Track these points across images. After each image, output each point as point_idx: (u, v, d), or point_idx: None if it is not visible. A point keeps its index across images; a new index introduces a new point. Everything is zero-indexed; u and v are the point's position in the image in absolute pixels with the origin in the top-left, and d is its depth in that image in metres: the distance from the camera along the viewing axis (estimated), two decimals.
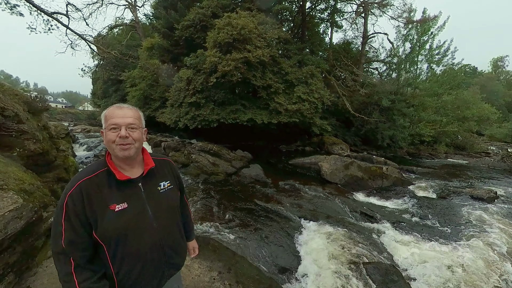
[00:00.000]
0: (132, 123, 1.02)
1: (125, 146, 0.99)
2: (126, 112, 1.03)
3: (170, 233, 1.15)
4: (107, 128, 0.99)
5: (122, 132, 0.98)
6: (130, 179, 1.03)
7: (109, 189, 0.98)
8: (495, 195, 5.81)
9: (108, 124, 0.99)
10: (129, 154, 1.01)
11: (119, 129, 0.99)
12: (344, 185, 6.50)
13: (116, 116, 1.00)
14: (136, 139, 1.03)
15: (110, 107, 1.04)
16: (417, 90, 14.90)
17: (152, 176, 1.13)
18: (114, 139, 0.98)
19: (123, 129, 0.99)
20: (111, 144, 0.99)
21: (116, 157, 1.02)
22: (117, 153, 1.00)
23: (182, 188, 1.38)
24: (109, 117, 1.00)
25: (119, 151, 0.99)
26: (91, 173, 0.99)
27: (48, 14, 5.96)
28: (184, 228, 1.41)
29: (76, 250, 0.92)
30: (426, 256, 3.21)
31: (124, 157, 1.01)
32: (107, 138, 0.99)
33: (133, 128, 1.02)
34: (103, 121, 1.02)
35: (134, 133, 1.02)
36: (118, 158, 1.02)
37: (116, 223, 0.96)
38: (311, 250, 3.24)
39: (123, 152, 1.00)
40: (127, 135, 0.99)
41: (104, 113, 1.04)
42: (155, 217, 1.07)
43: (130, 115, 1.03)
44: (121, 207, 0.98)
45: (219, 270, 2.58)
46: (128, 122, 1.01)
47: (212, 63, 9.58)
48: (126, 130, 0.99)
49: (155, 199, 1.10)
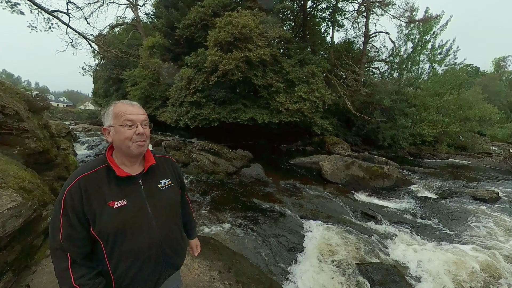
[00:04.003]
0: (145, 119, 1.03)
1: (142, 143, 1.00)
2: (139, 109, 1.03)
3: (170, 231, 1.13)
4: (120, 125, 0.97)
5: (140, 129, 0.98)
6: (130, 176, 1.02)
7: (108, 186, 0.97)
8: (497, 195, 5.77)
9: (122, 120, 0.97)
10: (144, 150, 1.03)
11: (135, 126, 0.98)
12: (345, 185, 6.48)
13: (131, 113, 0.99)
14: (148, 135, 1.04)
15: (116, 103, 1.03)
16: (419, 90, 14.83)
17: (152, 173, 1.11)
18: (131, 136, 0.97)
19: (140, 125, 0.99)
20: (126, 142, 0.97)
21: (128, 154, 1.01)
22: (132, 150, 0.99)
23: (183, 186, 1.36)
24: (122, 113, 0.98)
25: (136, 148, 0.99)
26: (90, 169, 0.97)
27: (49, 12, 5.94)
28: (186, 227, 1.42)
29: (74, 246, 0.91)
30: (427, 257, 3.18)
31: (139, 153, 1.02)
32: (122, 135, 0.97)
33: (146, 125, 1.03)
34: (112, 117, 0.99)
35: (147, 129, 1.03)
36: (131, 155, 1.01)
37: (115, 220, 0.94)
38: (312, 249, 3.22)
39: (139, 149, 1.00)
40: (144, 132, 0.99)
41: (112, 109, 1.01)
42: (155, 215, 1.05)
43: (142, 112, 1.04)
44: (120, 203, 0.96)
45: (219, 270, 2.57)
46: (143, 118, 1.02)
47: (213, 62, 9.55)
48: (143, 127, 1.00)
49: (155, 197, 1.08)
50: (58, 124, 7.52)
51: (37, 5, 5.66)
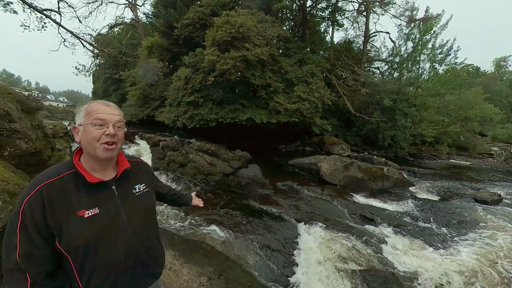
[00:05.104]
0: (120, 121, 0.95)
1: (111, 146, 0.91)
2: (113, 110, 0.96)
3: (147, 239, 1.06)
4: (90, 124, 0.89)
5: (110, 130, 0.90)
6: (102, 182, 0.93)
7: (77, 193, 0.88)
8: (499, 197, 5.65)
9: (92, 119, 0.89)
10: (112, 155, 0.93)
11: (106, 126, 0.90)
12: (343, 186, 6.36)
13: (104, 112, 0.92)
14: (121, 139, 0.96)
15: (91, 102, 0.95)
16: (419, 90, 14.71)
17: (126, 178, 1.04)
18: (99, 136, 0.89)
19: (111, 126, 0.91)
20: (93, 142, 0.89)
21: (94, 157, 0.92)
22: (98, 153, 0.90)
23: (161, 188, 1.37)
24: (93, 112, 0.90)
25: (103, 151, 0.90)
26: (55, 175, 0.87)
27: (39, 11, 5.83)
28: (178, 200, 1.51)
29: (34, 265, 0.81)
30: (427, 263, 3.07)
31: (106, 158, 0.92)
32: (89, 135, 0.88)
33: (120, 127, 0.95)
34: (83, 115, 0.91)
35: (120, 132, 0.95)
36: (98, 159, 0.92)
37: (86, 230, 0.85)
38: (307, 255, 3.11)
39: (107, 153, 0.91)
40: (115, 133, 0.91)
41: (85, 107, 0.93)
42: (131, 222, 0.98)
43: (118, 113, 0.96)
44: (92, 212, 0.88)
45: (209, 276, 2.47)
46: (117, 119, 0.94)
47: (210, 62, 9.46)
48: (114, 128, 0.91)
49: (130, 203, 1.01)
50: (55, 124, 7.42)
51: (26, 3, 5.56)
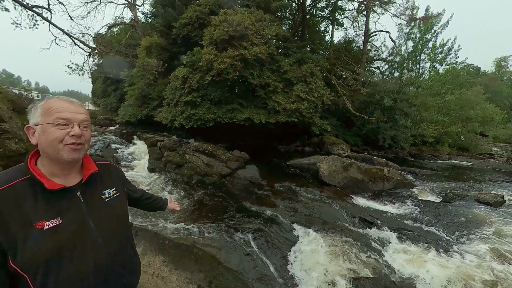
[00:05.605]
0: (86, 120, 0.85)
1: (78, 147, 0.80)
2: (78, 107, 0.84)
3: (120, 248, 0.95)
4: (50, 123, 0.77)
5: (76, 130, 0.79)
6: (64, 188, 0.80)
7: (34, 203, 0.75)
8: (502, 199, 5.52)
9: (53, 118, 0.77)
10: (79, 156, 0.82)
11: (70, 125, 0.79)
12: (343, 187, 6.22)
13: (67, 110, 0.80)
14: (88, 139, 0.86)
15: (51, 98, 0.83)
16: (420, 90, 14.58)
17: (94, 183, 0.91)
18: (62, 137, 0.78)
19: (76, 126, 0.80)
20: (56, 144, 0.77)
21: (57, 160, 0.79)
22: (63, 155, 0.78)
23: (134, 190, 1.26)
24: (55, 110, 0.78)
25: (68, 153, 0.78)
26: (5, 183, 0.74)
27: (29, 8, 5.66)
28: (153, 205, 1.41)
29: None
30: (429, 268, 2.93)
31: (72, 160, 0.80)
32: (50, 136, 0.77)
33: (86, 126, 0.85)
34: (41, 113, 0.79)
35: (86, 132, 0.85)
36: (61, 161, 0.80)
37: (46, 243, 0.73)
38: (304, 261, 2.97)
39: (73, 154, 0.79)
40: (81, 134, 0.81)
41: (41, 104, 0.80)
42: (100, 231, 0.87)
43: (83, 111, 0.85)
44: (53, 223, 0.75)
45: (199, 283, 2.33)
46: (82, 118, 0.83)
47: (208, 61, 9.33)
48: (80, 128, 0.81)
49: (99, 210, 0.89)
50: None
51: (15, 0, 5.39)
